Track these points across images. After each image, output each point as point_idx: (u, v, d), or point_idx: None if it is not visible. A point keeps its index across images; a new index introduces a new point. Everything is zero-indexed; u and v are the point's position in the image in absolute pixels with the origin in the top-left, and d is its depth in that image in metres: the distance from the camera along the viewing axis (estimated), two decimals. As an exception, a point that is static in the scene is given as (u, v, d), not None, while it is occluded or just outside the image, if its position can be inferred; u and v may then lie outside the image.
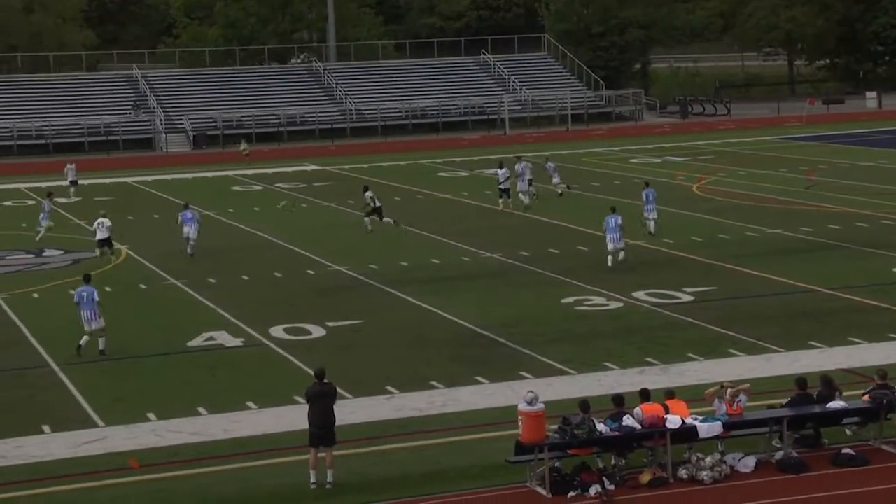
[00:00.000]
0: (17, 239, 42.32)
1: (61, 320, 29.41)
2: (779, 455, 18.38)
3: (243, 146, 68.33)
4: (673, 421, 18.17)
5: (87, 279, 26.99)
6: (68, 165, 55.15)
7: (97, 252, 36.56)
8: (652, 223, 37.51)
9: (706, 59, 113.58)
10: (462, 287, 31.76)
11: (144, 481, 18.71)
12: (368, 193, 40.97)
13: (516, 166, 45.71)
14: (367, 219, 40.70)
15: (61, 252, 39.47)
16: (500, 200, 44.36)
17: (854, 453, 18.42)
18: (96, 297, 26.14)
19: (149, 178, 59.68)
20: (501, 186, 44.46)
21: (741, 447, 18.57)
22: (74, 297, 26.57)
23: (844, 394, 19.31)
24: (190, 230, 36.82)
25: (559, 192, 47.44)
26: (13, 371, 25.18)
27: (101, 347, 26.13)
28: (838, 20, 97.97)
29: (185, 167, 65.03)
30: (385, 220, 40.39)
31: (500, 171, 44.81)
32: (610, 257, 33.10)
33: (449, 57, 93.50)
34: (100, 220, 36.55)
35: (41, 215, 41.55)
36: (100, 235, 36.30)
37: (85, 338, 26.01)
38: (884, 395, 18.80)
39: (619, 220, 33.27)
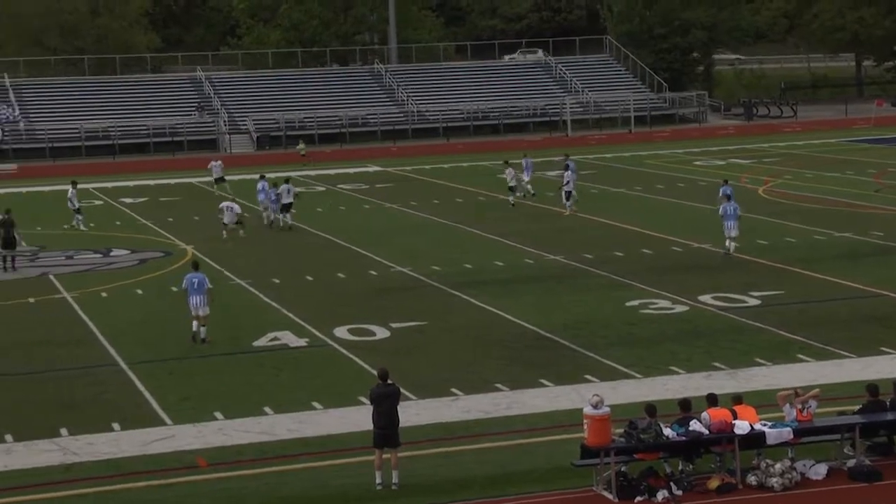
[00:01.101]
0: (85, 238, 42.81)
1: (129, 319, 29.78)
2: (851, 463, 18.12)
3: (301, 146, 68.74)
4: (741, 426, 17.97)
5: (195, 266, 28.04)
6: (213, 162, 55.65)
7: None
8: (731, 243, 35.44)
9: (771, 59, 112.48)
10: (525, 289, 31.67)
11: (212, 480, 18.84)
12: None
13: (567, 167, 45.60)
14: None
15: (128, 252, 39.87)
16: (567, 203, 44.16)
17: (928, 461, 18.14)
18: (208, 284, 27.24)
19: (213, 179, 60.00)
20: (566, 189, 44.27)
21: (812, 454, 18.32)
22: (183, 283, 27.36)
23: (918, 400, 19.00)
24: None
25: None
26: (83, 368, 25.45)
27: (202, 336, 26.97)
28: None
29: (248, 168, 65.38)
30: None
31: (565, 174, 44.65)
32: (732, 244, 34.41)
33: (511, 59, 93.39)
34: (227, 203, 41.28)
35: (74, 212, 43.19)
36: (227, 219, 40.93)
37: (195, 324, 26.95)
38: (958, 403, 18.48)
39: (738, 209, 34.35)
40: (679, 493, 17.42)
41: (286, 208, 43.21)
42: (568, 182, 44.17)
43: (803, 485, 17.61)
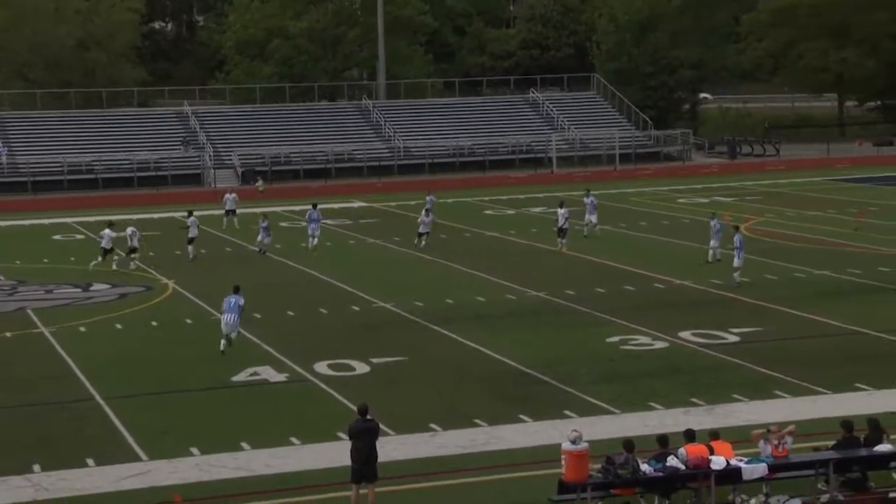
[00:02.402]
0: (66, 272, 42.75)
1: (108, 354, 29.70)
2: (824, 498, 18.18)
3: (259, 183, 68.77)
4: (717, 462, 18.02)
5: (236, 290, 30.14)
6: (227, 195, 56.00)
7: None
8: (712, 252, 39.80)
9: (756, 99, 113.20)
10: (506, 325, 31.72)
11: (186, 515, 18.78)
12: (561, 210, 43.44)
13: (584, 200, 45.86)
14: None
15: (108, 286, 39.81)
16: (559, 241, 44.19)
17: (901, 498, 18.19)
18: (241, 304, 29.41)
19: (196, 214, 60.00)
20: (560, 226, 44.28)
21: (787, 490, 18.37)
22: (223, 305, 29.46)
23: (892, 437, 19.08)
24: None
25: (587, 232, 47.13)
26: (60, 404, 25.35)
27: (221, 348, 28.96)
28: (888, 62, 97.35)
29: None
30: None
31: (559, 211, 44.67)
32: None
33: (497, 95, 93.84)
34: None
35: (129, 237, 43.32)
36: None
37: (223, 342, 29.00)
38: (932, 440, 18.56)
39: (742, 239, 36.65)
40: (654, 528, 17.44)
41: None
42: (562, 219, 44.16)
43: (779, 521, 17.66)
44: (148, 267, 42.70)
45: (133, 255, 42.98)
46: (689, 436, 18.55)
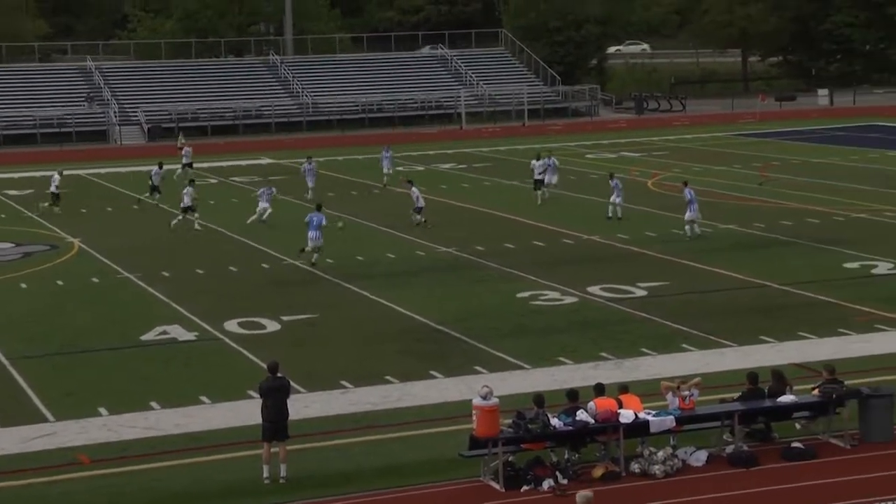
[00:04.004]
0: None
1: (12, 314, 29.20)
2: (730, 449, 18.54)
3: (180, 139, 67.81)
4: (626, 415, 18.28)
5: (318, 208, 34.67)
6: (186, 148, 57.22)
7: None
8: (613, 208, 39.64)
9: (662, 55, 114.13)
10: (417, 282, 31.77)
11: (95, 476, 18.59)
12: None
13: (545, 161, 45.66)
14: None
15: (12, 245, 39.08)
16: (537, 193, 44.40)
17: (803, 447, 18.61)
18: (324, 222, 33.66)
19: (102, 171, 59.24)
20: (537, 178, 44.54)
21: (693, 441, 18.70)
22: (306, 218, 33.89)
23: (795, 388, 19.51)
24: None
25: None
26: (-37, 365, 24.90)
27: (313, 260, 33.41)
28: (792, 18, 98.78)
29: (139, 160, 64.48)
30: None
31: (535, 163, 44.93)
32: (687, 227, 36.40)
33: (406, 51, 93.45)
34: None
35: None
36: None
37: (307, 247, 33.54)
38: (833, 390, 19.01)
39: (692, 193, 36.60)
40: (564, 481, 17.65)
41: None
42: (543, 172, 44.64)
43: (684, 471, 17.97)
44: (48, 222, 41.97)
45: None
46: (599, 390, 18.78)
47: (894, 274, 30.81)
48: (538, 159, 45.35)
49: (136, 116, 78.26)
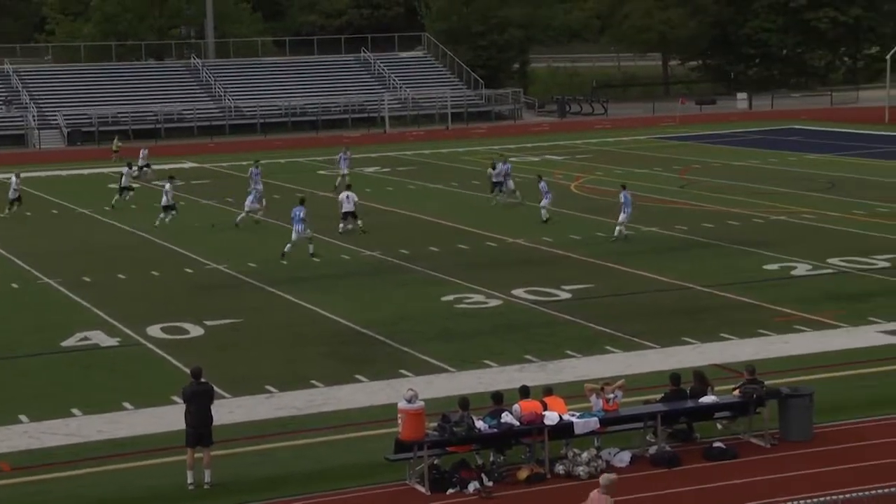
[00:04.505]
0: None
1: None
2: (653, 450, 18.76)
3: (115, 142, 67.13)
4: (550, 417, 18.42)
5: (301, 202, 36.10)
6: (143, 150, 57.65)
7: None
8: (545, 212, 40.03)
9: (584, 59, 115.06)
10: (342, 285, 31.73)
11: (17, 484, 18.34)
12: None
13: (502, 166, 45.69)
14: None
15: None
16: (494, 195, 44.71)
17: (724, 447, 18.89)
18: (301, 215, 35.15)
19: (22, 176, 58.20)
20: (494, 180, 44.78)
21: (617, 442, 18.91)
22: (292, 216, 35.51)
23: (716, 389, 19.79)
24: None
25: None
26: None
27: (311, 252, 34.68)
28: (711, 23, 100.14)
29: (59, 164, 63.72)
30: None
31: (491, 171, 45.29)
32: (618, 229, 36.54)
33: (329, 55, 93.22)
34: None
35: None
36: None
37: (311, 247, 34.83)
38: (753, 390, 19.31)
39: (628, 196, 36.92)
40: (490, 484, 17.75)
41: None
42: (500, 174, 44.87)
43: (608, 472, 18.12)
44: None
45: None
46: (524, 392, 18.91)
47: (813, 275, 31.36)
48: (494, 168, 45.30)
49: (55, 120, 77.23)
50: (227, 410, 21.02)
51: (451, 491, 17.63)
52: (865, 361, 23.44)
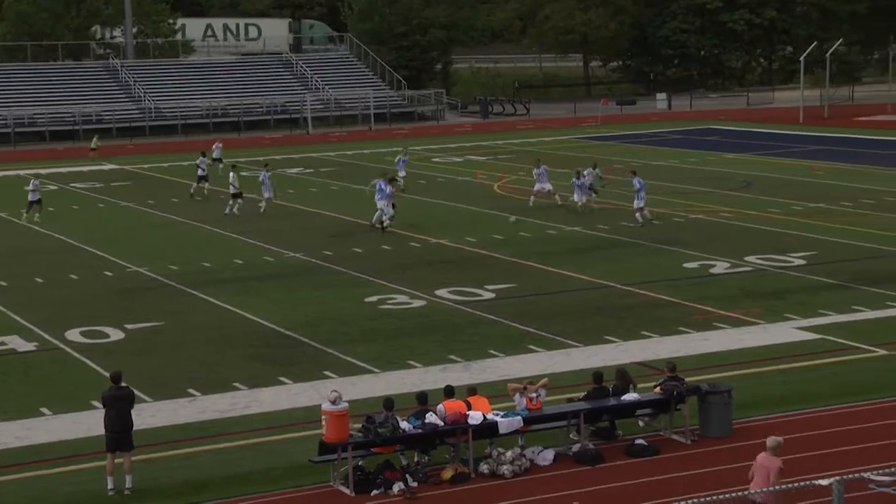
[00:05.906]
0: None
1: None
2: (576, 447, 18.88)
3: (94, 140, 66.08)
4: (474, 417, 18.45)
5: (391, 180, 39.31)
6: (215, 144, 58.09)
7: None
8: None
9: (506, 59, 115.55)
10: (265, 287, 31.54)
11: (-68, 493, 18.00)
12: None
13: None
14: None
15: None
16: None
17: (646, 443, 19.07)
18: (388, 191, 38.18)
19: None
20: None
21: (541, 441, 19.00)
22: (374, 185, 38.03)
23: (638, 386, 19.96)
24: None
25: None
26: None
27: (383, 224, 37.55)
28: (631, 24, 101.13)
29: (-26, 166, 62.64)
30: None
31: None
32: (637, 215, 38.43)
33: (251, 55, 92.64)
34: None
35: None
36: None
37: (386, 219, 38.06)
38: (674, 387, 19.51)
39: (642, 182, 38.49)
40: (414, 484, 17.76)
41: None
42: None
43: (532, 471, 18.24)
44: None
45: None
46: (448, 392, 18.93)
47: (731, 273, 31.77)
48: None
49: (-31, 122, 75.90)
50: (149, 414, 20.81)
51: (375, 492, 17.60)
52: (782, 357, 23.80)
